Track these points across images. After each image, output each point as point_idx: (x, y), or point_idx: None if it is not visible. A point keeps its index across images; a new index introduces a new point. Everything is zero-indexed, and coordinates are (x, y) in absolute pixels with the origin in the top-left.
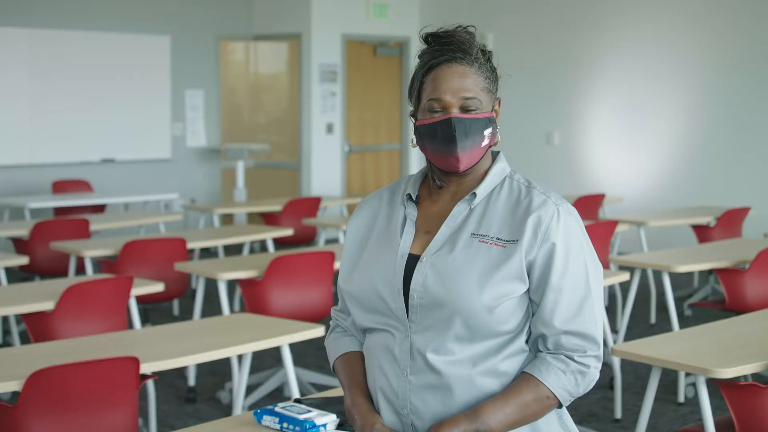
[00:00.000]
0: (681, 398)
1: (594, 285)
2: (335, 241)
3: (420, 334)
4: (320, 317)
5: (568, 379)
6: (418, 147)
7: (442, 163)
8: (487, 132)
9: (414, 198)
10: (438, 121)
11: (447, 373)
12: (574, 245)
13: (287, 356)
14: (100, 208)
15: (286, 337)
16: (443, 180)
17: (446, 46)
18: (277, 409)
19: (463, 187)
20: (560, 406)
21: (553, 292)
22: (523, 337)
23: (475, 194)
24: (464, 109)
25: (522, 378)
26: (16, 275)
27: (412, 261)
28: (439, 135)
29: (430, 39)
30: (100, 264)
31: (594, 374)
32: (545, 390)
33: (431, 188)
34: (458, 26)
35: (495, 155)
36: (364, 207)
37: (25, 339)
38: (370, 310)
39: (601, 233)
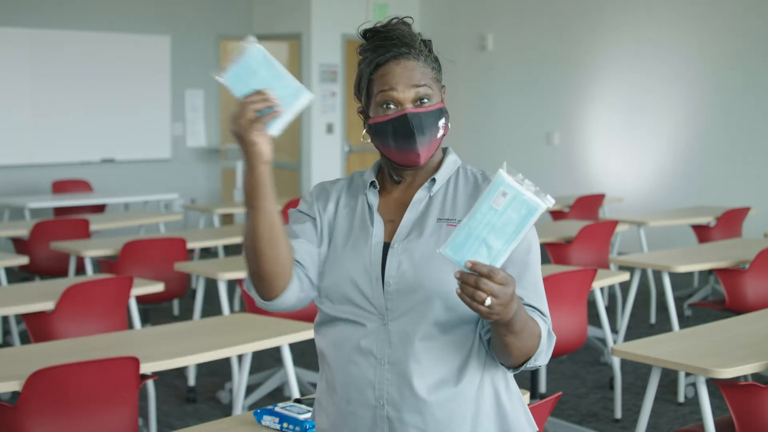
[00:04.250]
0: (681, 398)
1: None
2: None
3: (396, 320)
4: None
5: (544, 329)
6: (371, 143)
7: (401, 158)
8: (441, 122)
9: (377, 186)
10: (393, 118)
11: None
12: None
13: (287, 356)
14: (100, 208)
15: (286, 337)
16: (400, 174)
17: (389, 41)
18: (277, 409)
19: (418, 178)
20: (526, 361)
21: (518, 265)
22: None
23: (434, 180)
24: (417, 103)
25: None
26: (16, 275)
27: (383, 249)
28: (396, 131)
29: (370, 35)
30: (100, 264)
31: (551, 349)
32: (538, 329)
33: (386, 181)
34: (394, 18)
35: (444, 149)
36: (327, 193)
37: (25, 339)
38: (340, 301)
39: (601, 233)
